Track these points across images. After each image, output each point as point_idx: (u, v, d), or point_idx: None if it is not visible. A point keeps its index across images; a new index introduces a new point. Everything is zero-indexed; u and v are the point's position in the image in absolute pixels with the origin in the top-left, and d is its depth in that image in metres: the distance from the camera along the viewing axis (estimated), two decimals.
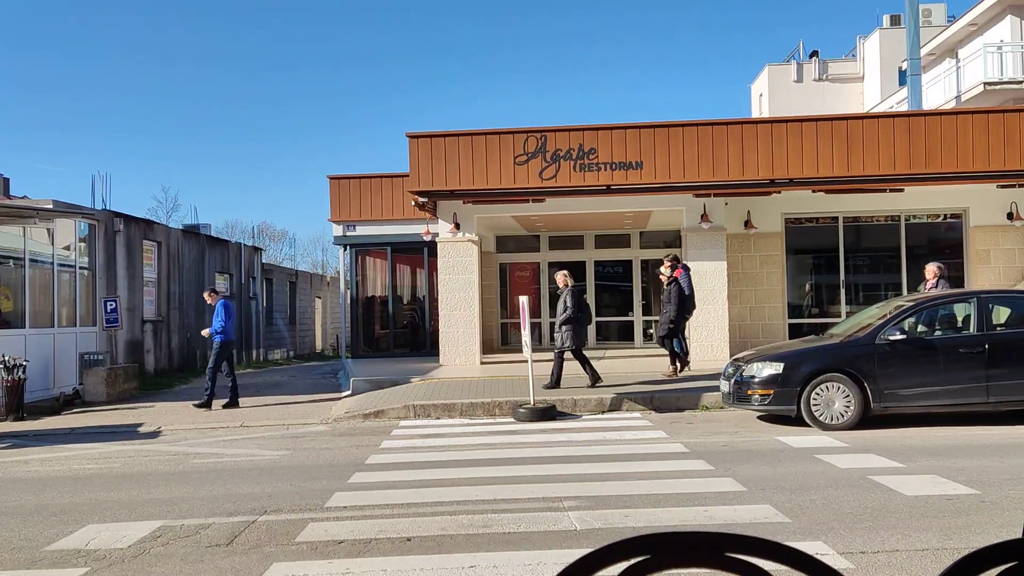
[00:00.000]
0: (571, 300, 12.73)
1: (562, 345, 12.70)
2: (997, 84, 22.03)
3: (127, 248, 18.57)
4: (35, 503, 7.13)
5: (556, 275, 13.57)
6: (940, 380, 9.79)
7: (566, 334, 12.65)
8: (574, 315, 12.66)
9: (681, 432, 9.83)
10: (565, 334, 12.65)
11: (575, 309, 12.68)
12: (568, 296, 12.77)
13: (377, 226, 20.16)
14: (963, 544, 5.12)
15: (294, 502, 6.77)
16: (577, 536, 5.54)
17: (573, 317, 12.65)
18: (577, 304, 12.77)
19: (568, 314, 12.64)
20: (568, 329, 12.64)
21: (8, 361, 12.92)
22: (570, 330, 12.65)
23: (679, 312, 13.38)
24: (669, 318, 13.38)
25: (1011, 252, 16.57)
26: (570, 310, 12.65)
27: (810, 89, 33.90)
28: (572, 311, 12.64)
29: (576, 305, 12.73)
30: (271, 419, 12.19)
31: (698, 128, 15.18)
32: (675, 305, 13.36)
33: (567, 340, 12.63)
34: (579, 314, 12.76)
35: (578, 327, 12.76)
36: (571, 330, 12.65)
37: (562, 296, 12.93)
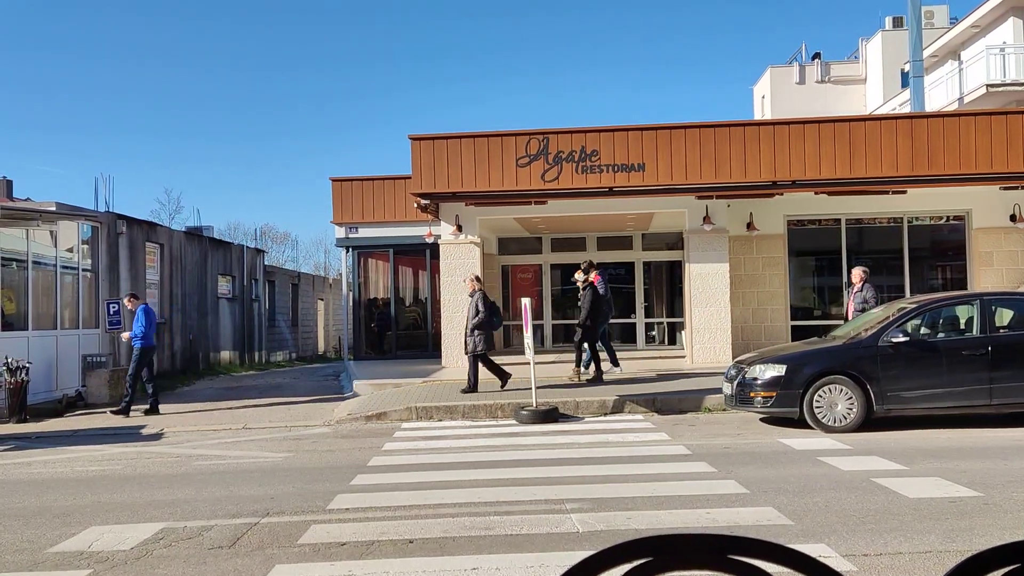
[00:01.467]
0: (482, 304, 12.83)
1: (475, 349, 12.80)
2: (1000, 86, 22.01)
3: (130, 250, 18.59)
4: (38, 505, 7.14)
5: (465, 280, 13.69)
6: (943, 382, 9.78)
7: (478, 338, 12.76)
8: (486, 319, 12.79)
9: (683, 434, 9.82)
10: (477, 338, 12.76)
11: (487, 313, 12.81)
12: (479, 300, 12.86)
13: (379, 228, 20.18)
14: (966, 547, 5.11)
15: (296, 504, 6.77)
16: (579, 538, 5.54)
17: (485, 321, 12.77)
18: (488, 308, 12.89)
19: (481, 318, 12.75)
20: (480, 334, 12.75)
21: (11, 363, 12.93)
22: (482, 334, 12.76)
23: (591, 316, 13.48)
24: (581, 322, 13.57)
25: (1014, 254, 16.54)
26: (482, 314, 12.77)
27: (812, 91, 33.87)
28: (484, 315, 12.77)
29: (487, 309, 12.85)
30: (273, 421, 12.20)
31: (700, 130, 15.18)
32: (586, 309, 13.49)
33: (480, 344, 12.75)
34: (491, 318, 12.87)
35: (490, 331, 12.89)
36: (483, 334, 12.77)
37: (472, 301, 12.99)
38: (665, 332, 20.39)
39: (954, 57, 25.97)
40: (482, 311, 12.80)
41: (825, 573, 1.01)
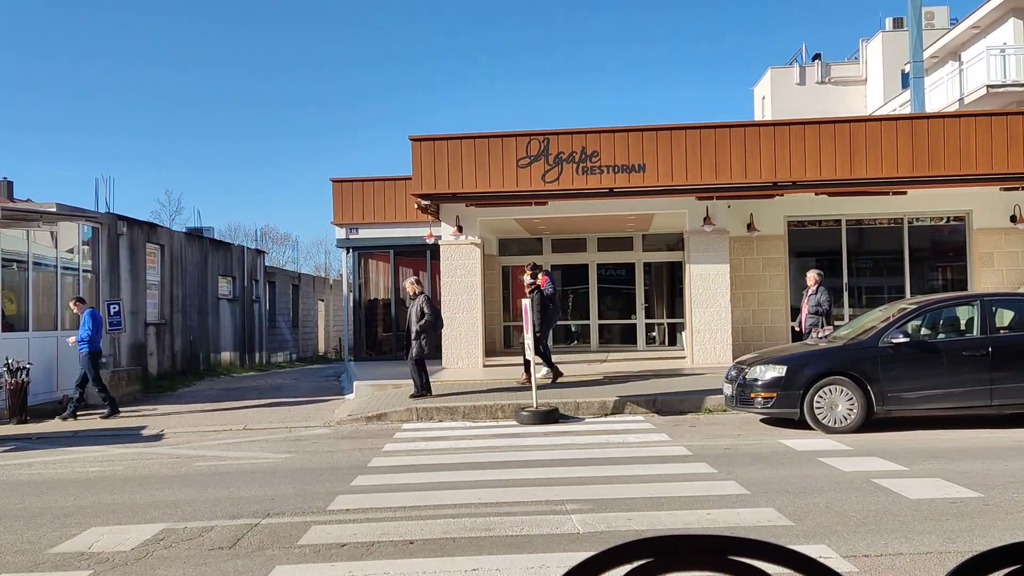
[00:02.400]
0: (428, 307, 12.70)
1: (419, 353, 12.64)
2: (1000, 87, 22.01)
3: (130, 251, 18.60)
4: (38, 506, 7.14)
5: (404, 283, 13.49)
6: (943, 383, 9.77)
7: (424, 342, 12.61)
8: (431, 322, 12.66)
9: (684, 435, 9.82)
10: (423, 342, 12.61)
11: (432, 316, 12.70)
12: (424, 303, 12.73)
13: (380, 229, 20.19)
14: (967, 548, 5.11)
15: (297, 505, 6.77)
16: (580, 539, 5.53)
17: (431, 324, 12.64)
18: (433, 311, 12.78)
19: (427, 320, 12.63)
20: (425, 337, 12.61)
21: (11, 364, 12.94)
22: (427, 338, 12.62)
23: (543, 318, 13.34)
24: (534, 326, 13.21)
25: (1015, 255, 16.54)
26: (428, 317, 12.64)
27: (813, 92, 33.87)
28: (430, 317, 12.66)
29: (432, 312, 12.75)
30: (274, 422, 12.20)
31: (701, 131, 15.18)
32: (538, 313, 13.24)
33: (426, 348, 12.61)
34: (435, 321, 12.76)
35: (432, 333, 12.75)
36: (428, 338, 12.62)
37: (416, 304, 12.81)
38: (665, 333, 20.39)
39: (954, 58, 25.97)
40: (428, 313, 12.64)
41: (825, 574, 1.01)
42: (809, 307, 12.84)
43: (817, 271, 13.28)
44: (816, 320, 12.67)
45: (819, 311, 12.65)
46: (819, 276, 13.06)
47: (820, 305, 12.67)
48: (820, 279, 12.99)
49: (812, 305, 12.78)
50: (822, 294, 12.77)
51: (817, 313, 12.67)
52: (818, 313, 12.67)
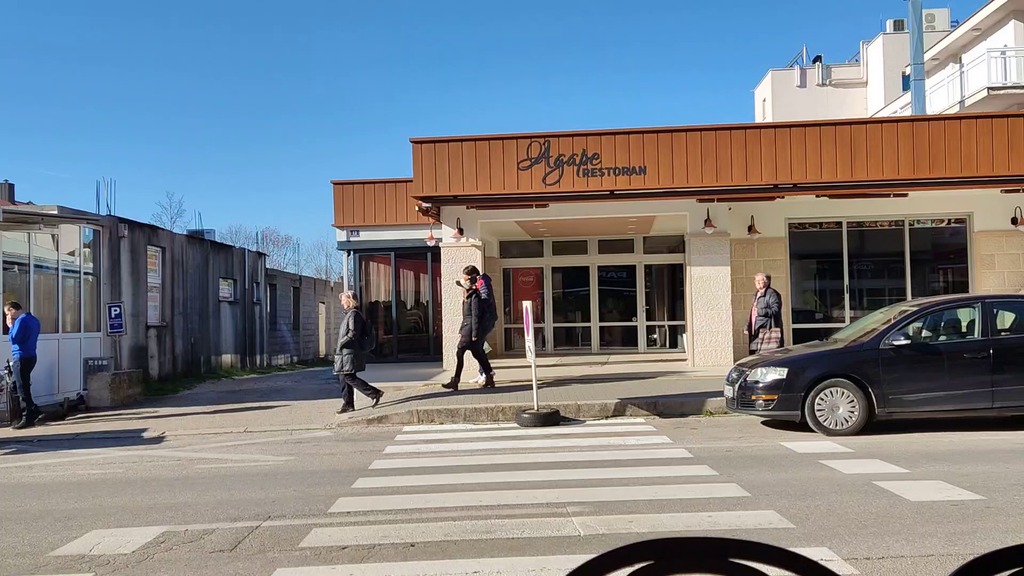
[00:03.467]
0: (353, 323, 12.58)
1: (341, 368, 12.59)
2: (1001, 89, 22.01)
3: (131, 254, 18.61)
4: (39, 509, 7.14)
5: (341, 296, 13.31)
6: (945, 385, 9.77)
7: (347, 357, 12.52)
8: (356, 338, 12.56)
9: (685, 437, 9.81)
10: (346, 357, 12.52)
11: (357, 332, 12.57)
12: (351, 319, 12.62)
13: (381, 231, 20.18)
14: (968, 550, 5.11)
15: (298, 507, 6.77)
16: (581, 542, 5.53)
17: (355, 340, 12.55)
18: (360, 328, 12.65)
19: (350, 337, 12.53)
20: (349, 352, 12.53)
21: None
22: (351, 353, 12.53)
23: (480, 323, 13.32)
24: (470, 331, 13.31)
25: (1016, 257, 16.53)
26: (352, 333, 12.54)
27: (813, 94, 33.89)
28: (354, 334, 12.55)
29: (358, 328, 12.61)
30: (275, 424, 12.20)
31: (701, 133, 15.18)
32: (476, 317, 13.29)
33: (347, 364, 12.50)
34: (362, 337, 12.65)
35: (359, 350, 12.66)
36: (352, 353, 12.54)
37: (345, 318, 12.73)
38: (667, 335, 20.39)
39: (955, 60, 25.98)
40: (352, 330, 12.52)
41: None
42: (759, 309, 13.10)
43: (765, 274, 13.50)
44: (765, 322, 12.91)
45: (768, 313, 12.93)
46: (767, 279, 13.31)
47: (769, 307, 12.94)
48: (768, 282, 13.26)
49: (761, 307, 13.04)
50: (771, 296, 13.03)
51: (766, 315, 12.94)
52: (767, 315, 12.93)
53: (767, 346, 12.81)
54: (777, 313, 12.98)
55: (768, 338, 12.85)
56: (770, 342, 12.83)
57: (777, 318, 12.98)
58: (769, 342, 12.83)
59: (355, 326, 12.58)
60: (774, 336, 12.87)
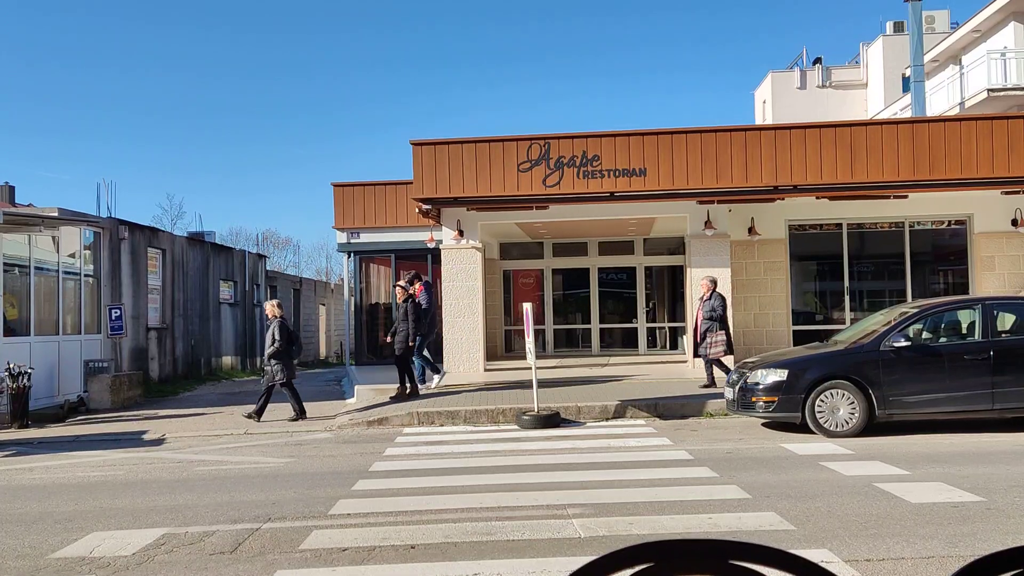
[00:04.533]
0: (279, 333, 12.44)
1: (272, 379, 12.47)
2: (1001, 90, 22.02)
3: (132, 256, 18.62)
4: (39, 511, 7.14)
5: (265, 305, 13.14)
6: (945, 387, 9.77)
7: (276, 368, 12.42)
8: (283, 348, 12.44)
9: (685, 439, 9.81)
10: (275, 368, 12.42)
11: (283, 343, 12.45)
12: (276, 329, 12.46)
13: (381, 233, 20.20)
14: (969, 552, 5.10)
15: (298, 509, 6.77)
16: (581, 543, 5.53)
17: (283, 350, 12.43)
18: (286, 337, 12.53)
19: (277, 347, 12.40)
20: (278, 363, 12.42)
21: (13, 368, 12.94)
22: (280, 363, 12.42)
23: (415, 331, 13.21)
24: (404, 337, 13.19)
25: (1016, 258, 16.53)
26: (278, 343, 12.41)
27: (813, 96, 33.91)
28: (280, 344, 12.41)
29: (285, 338, 12.48)
30: (275, 426, 12.20)
31: (702, 135, 15.19)
32: (411, 323, 13.17)
33: (278, 374, 12.41)
34: (289, 347, 12.55)
35: (288, 359, 12.57)
36: (280, 363, 12.43)
37: (270, 329, 12.58)
38: (667, 336, 20.39)
39: (955, 62, 25.99)
40: (278, 340, 12.39)
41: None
42: (704, 313, 13.10)
43: (710, 278, 13.46)
44: (711, 325, 12.91)
45: (713, 316, 12.93)
46: (711, 282, 13.29)
47: (714, 310, 12.94)
48: (713, 285, 13.24)
49: (707, 311, 13.04)
50: (716, 299, 13.03)
51: (711, 319, 12.93)
52: (712, 319, 12.92)
53: (714, 350, 12.82)
54: (722, 316, 12.97)
55: (714, 342, 12.82)
56: (717, 345, 12.81)
57: (722, 321, 12.97)
58: (716, 345, 12.81)
59: (281, 335, 12.43)
60: (720, 340, 12.83)
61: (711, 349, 12.89)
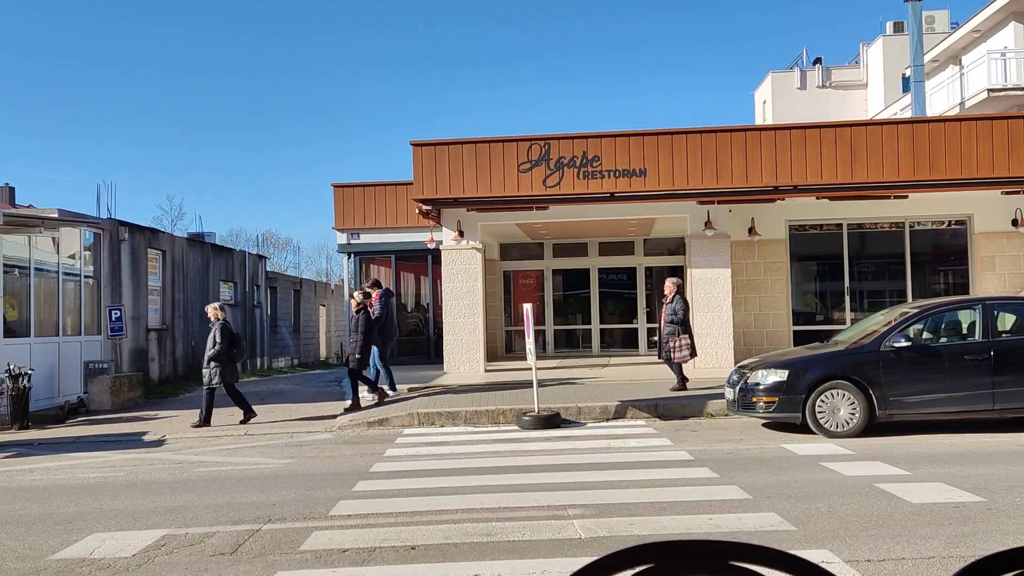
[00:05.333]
0: (220, 335, 12.31)
1: (210, 382, 12.29)
2: (1001, 91, 22.03)
3: (132, 257, 18.62)
4: (40, 512, 7.14)
5: (207, 308, 13.06)
6: (945, 387, 9.76)
7: (214, 370, 12.25)
8: (224, 350, 12.31)
9: (686, 440, 9.81)
10: (214, 370, 12.25)
11: (224, 345, 12.32)
12: (218, 331, 12.34)
13: (381, 234, 20.21)
14: (970, 552, 5.10)
15: (298, 510, 6.76)
16: (582, 544, 5.53)
17: (223, 352, 12.30)
18: (228, 339, 12.41)
19: (217, 349, 12.26)
20: (217, 365, 12.27)
21: (13, 370, 12.94)
22: (219, 366, 12.27)
23: (365, 342, 13.10)
24: (357, 348, 13.05)
25: (1016, 258, 16.53)
26: (219, 346, 12.27)
27: (813, 96, 33.91)
28: (221, 347, 12.28)
29: (226, 340, 12.35)
30: (275, 427, 12.19)
31: (702, 135, 15.19)
32: (361, 334, 13.06)
33: (215, 377, 12.25)
34: (230, 349, 12.42)
35: (228, 362, 12.44)
36: (220, 366, 12.28)
37: (212, 330, 12.44)
38: None
39: (955, 62, 26.00)
40: (219, 342, 12.25)
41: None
42: (666, 315, 12.97)
43: (673, 280, 13.28)
44: (673, 329, 12.78)
45: (674, 319, 12.80)
46: (675, 285, 13.12)
47: (676, 313, 12.81)
48: (676, 288, 13.07)
49: (668, 314, 12.92)
50: (677, 302, 12.88)
51: (672, 322, 12.81)
52: (673, 322, 12.80)
53: (679, 354, 12.70)
54: (684, 320, 12.82)
55: (680, 346, 12.70)
56: (682, 350, 12.69)
57: (684, 325, 12.82)
58: (682, 350, 12.69)
59: (222, 338, 12.29)
60: (685, 343, 12.70)
61: (676, 353, 12.73)
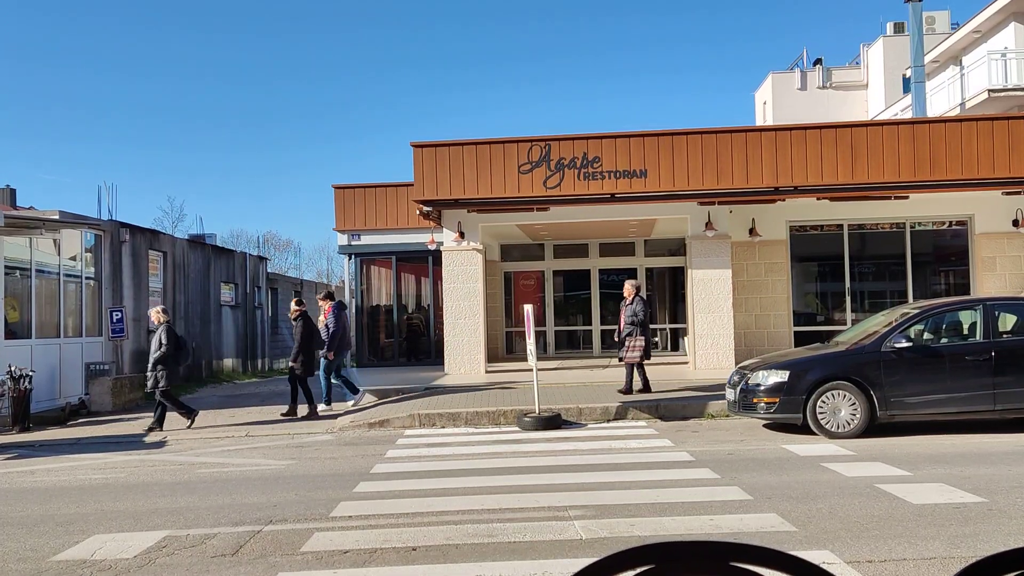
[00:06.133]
0: (166, 337, 12.10)
1: (154, 385, 12.12)
2: (1001, 91, 22.02)
3: (133, 258, 18.63)
4: (41, 513, 7.14)
5: (151, 312, 12.82)
6: (946, 388, 9.76)
7: (161, 373, 12.02)
8: (169, 352, 12.10)
9: (687, 440, 9.80)
10: (160, 373, 12.01)
11: (170, 347, 12.11)
12: (163, 333, 12.13)
13: (382, 235, 20.21)
14: (971, 553, 5.10)
15: (299, 512, 6.77)
16: (583, 545, 5.53)
17: (169, 356, 12.13)
18: (174, 342, 12.21)
19: (163, 351, 12.05)
20: (163, 369, 12.05)
21: (14, 371, 12.94)
22: (165, 370, 12.05)
23: (305, 350, 13.11)
24: (298, 357, 13.11)
25: (1017, 259, 16.53)
26: (165, 348, 12.06)
27: (814, 97, 33.91)
28: (167, 348, 12.07)
29: (171, 343, 12.15)
30: (276, 428, 12.20)
31: (702, 136, 15.19)
32: (299, 343, 13.10)
33: (161, 380, 12.03)
34: (176, 352, 12.21)
35: (174, 365, 12.25)
36: (166, 369, 12.06)
37: (157, 333, 12.23)
38: (668, 338, 20.39)
39: (956, 62, 25.99)
40: (165, 344, 12.03)
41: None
42: (625, 317, 12.91)
43: (632, 282, 13.24)
44: (632, 330, 12.73)
45: (634, 321, 12.74)
46: (633, 287, 13.07)
47: (636, 315, 12.75)
48: (636, 290, 13.01)
49: (628, 315, 12.85)
50: (637, 304, 12.83)
51: (632, 323, 12.75)
52: (633, 323, 12.74)
53: (631, 354, 12.65)
54: (643, 322, 12.74)
55: (633, 346, 12.64)
56: (634, 350, 12.63)
57: (643, 327, 12.75)
58: (633, 350, 12.63)
59: (168, 340, 12.10)
60: (638, 344, 12.63)
61: (628, 353, 12.69)
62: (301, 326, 13.28)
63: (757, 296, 17.05)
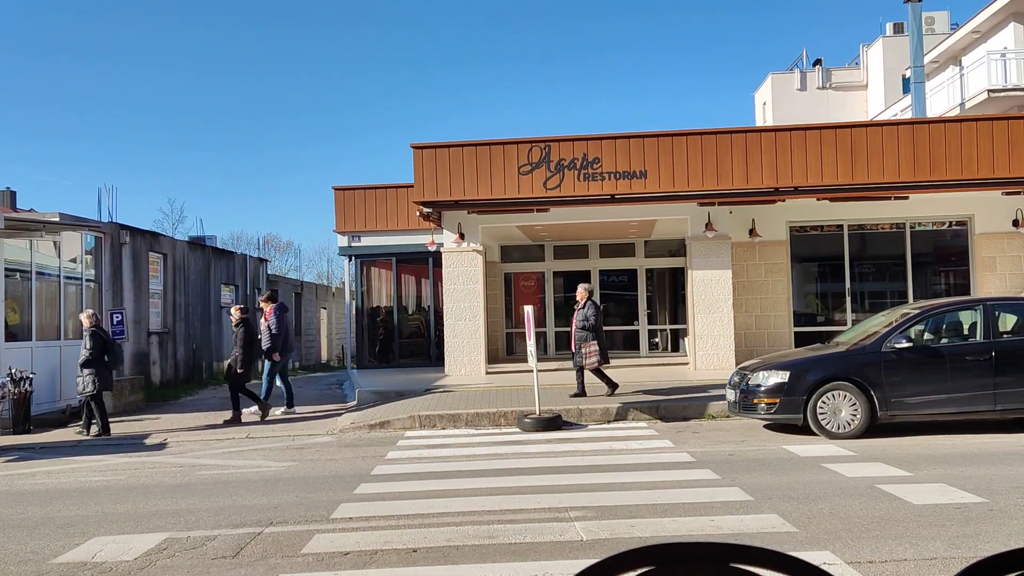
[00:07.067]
0: (91, 342, 11.97)
1: (84, 389, 12.02)
2: (1001, 91, 22.03)
3: (133, 260, 18.63)
4: (41, 515, 7.14)
5: (81, 315, 12.70)
6: (947, 388, 9.76)
7: (89, 378, 11.91)
8: (96, 356, 11.95)
9: (687, 441, 9.80)
10: (88, 378, 11.92)
11: (96, 351, 11.96)
12: (88, 337, 12.02)
13: (382, 236, 20.21)
14: (971, 553, 5.10)
15: (300, 513, 6.77)
16: (583, 546, 5.52)
17: (95, 359, 11.96)
18: (100, 345, 12.06)
19: (87, 355, 11.90)
20: (91, 372, 11.90)
21: (15, 374, 12.95)
22: (93, 373, 11.90)
23: (246, 355, 13.05)
24: (239, 362, 13.02)
25: (1017, 259, 16.53)
26: (90, 351, 11.91)
27: (814, 97, 33.93)
28: (92, 352, 11.92)
29: (98, 346, 11.99)
30: (276, 430, 12.20)
31: (702, 137, 15.20)
32: (241, 348, 13.02)
33: (89, 385, 11.92)
34: (101, 355, 12.05)
35: (103, 369, 12.10)
36: (94, 373, 11.91)
37: (85, 336, 12.12)
38: (668, 339, 20.39)
39: (955, 62, 26.00)
40: (91, 348, 11.92)
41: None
42: (577, 322, 12.83)
43: (584, 285, 13.14)
44: (584, 335, 12.66)
45: (586, 325, 12.66)
46: (586, 291, 12.96)
47: (587, 319, 12.67)
48: (588, 294, 12.90)
49: (580, 320, 12.77)
50: (589, 308, 12.75)
51: (584, 328, 12.67)
52: (584, 328, 12.67)
53: (589, 360, 12.58)
54: (595, 326, 12.66)
55: (589, 352, 12.56)
56: (591, 356, 12.55)
57: (595, 331, 12.67)
58: (590, 356, 12.55)
59: (93, 344, 11.97)
60: (593, 350, 12.55)
61: (587, 360, 12.61)
62: (243, 332, 13.15)
63: (757, 297, 17.05)
